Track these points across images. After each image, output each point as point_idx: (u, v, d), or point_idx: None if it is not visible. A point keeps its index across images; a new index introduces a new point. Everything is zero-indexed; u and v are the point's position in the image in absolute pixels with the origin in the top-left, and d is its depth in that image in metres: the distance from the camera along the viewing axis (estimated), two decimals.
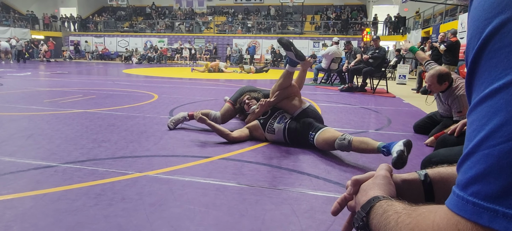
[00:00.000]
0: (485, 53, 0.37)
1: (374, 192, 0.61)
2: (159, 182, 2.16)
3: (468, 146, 0.38)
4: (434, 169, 0.71)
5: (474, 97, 0.39)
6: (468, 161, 0.38)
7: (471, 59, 0.39)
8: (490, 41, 0.36)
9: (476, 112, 0.38)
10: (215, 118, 3.59)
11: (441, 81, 3.17)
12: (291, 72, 3.30)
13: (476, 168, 0.36)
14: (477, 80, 0.38)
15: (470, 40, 0.40)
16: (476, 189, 0.36)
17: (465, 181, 0.38)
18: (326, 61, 9.33)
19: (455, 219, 0.38)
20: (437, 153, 2.26)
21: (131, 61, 22.23)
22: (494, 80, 0.35)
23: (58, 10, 28.94)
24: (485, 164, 0.35)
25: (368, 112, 5.17)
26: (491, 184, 0.34)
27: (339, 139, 2.69)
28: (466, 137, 0.40)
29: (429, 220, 0.43)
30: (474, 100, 0.38)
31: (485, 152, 0.35)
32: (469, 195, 0.37)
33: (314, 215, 1.77)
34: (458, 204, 0.38)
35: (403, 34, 21.53)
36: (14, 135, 3.21)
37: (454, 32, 8.43)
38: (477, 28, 0.38)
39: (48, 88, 7.35)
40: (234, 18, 27.31)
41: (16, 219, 1.65)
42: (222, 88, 8.21)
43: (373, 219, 0.55)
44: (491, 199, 0.34)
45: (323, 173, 2.43)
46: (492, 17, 0.36)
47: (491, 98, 0.36)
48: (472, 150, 0.37)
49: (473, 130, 0.38)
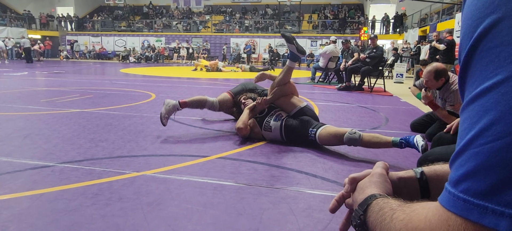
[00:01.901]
0: (477, 52, 0.37)
1: (371, 190, 0.62)
2: (157, 182, 2.16)
3: (460, 143, 0.39)
4: (430, 167, 0.72)
5: (466, 95, 0.39)
6: (459, 158, 0.39)
7: (464, 58, 0.40)
8: (482, 41, 0.37)
9: (467, 110, 0.38)
10: (213, 104, 3.67)
11: (437, 77, 3.18)
12: (292, 68, 3.33)
13: (466, 165, 0.37)
14: (470, 79, 0.39)
15: (463, 38, 0.40)
16: (466, 186, 0.37)
17: (456, 178, 0.39)
18: (324, 60, 9.34)
19: (446, 214, 0.39)
20: (434, 151, 2.27)
21: (128, 61, 22.18)
22: (485, 79, 0.36)
23: (55, 10, 28.82)
24: (475, 161, 0.36)
25: (365, 111, 5.18)
26: (481, 182, 0.35)
27: (349, 132, 2.74)
28: (458, 135, 0.40)
29: (421, 215, 0.44)
30: (466, 99, 0.39)
31: (476, 150, 0.36)
32: (460, 191, 0.37)
33: (311, 214, 1.78)
34: (449, 200, 0.39)
35: (400, 33, 21.58)
36: (10, 135, 3.20)
37: (449, 31, 8.47)
38: (470, 26, 0.39)
39: (45, 87, 7.32)
40: (231, 17, 27.27)
41: (13, 219, 1.65)
42: (220, 88, 8.21)
43: (370, 217, 0.56)
44: (480, 196, 0.35)
45: (320, 171, 2.44)
46: (484, 16, 0.36)
47: (482, 97, 0.36)
48: (463, 148, 0.38)
49: (464, 128, 0.39)
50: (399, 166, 2.60)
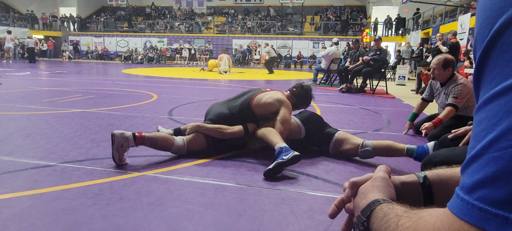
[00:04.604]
0: (497, 46, 0.34)
1: (374, 195, 0.60)
2: (158, 182, 2.15)
3: (476, 146, 0.36)
4: (433, 171, 0.70)
5: (482, 94, 0.36)
6: (475, 163, 0.36)
7: (481, 53, 0.36)
8: (504, 33, 0.33)
9: (485, 110, 0.35)
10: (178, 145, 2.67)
11: (445, 66, 3.22)
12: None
13: (484, 171, 0.34)
14: (487, 76, 0.35)
15: (480, 31, 0.36)
16: (483, 193, 0.34)
17: (471, 184, 0.36)
18: (326, 62, 9.33)
19: (457, 224, 0.36)
20: (438, 153, 2.23)
21: (130, 61, 22.22)
22: (507, 77, 0.32)
23: (57, 10, 28.93)
24: (494, 167, 0.33)
25: (367, 113, 5.16)
26: (501, 189, 0.32)
27: (361, 148, 2.67)
28: (472, 137, 0.37)
29: (429, 224, 0.42)
30: (483, 98, 0.35)
31: (495, 154, 0.33)
32: (475, 199, 0.34)
33: (313, 216, 1.77)
34: (462, 209, 0.36)
35: (402, 35, 21.55)
36: (12, 134, 3.20)
37: (453, 33, 8.43)
38: (489, 17, 0.35)
39: (47, 87, 7.33)
40: (234, 18, 27.30)
41: (14, 218, 1.64)
42: (222, 89, 8.21)
43: (374, 223, 0.54)
44: (500, 205, 0.32)
45: (322, 173, 2.43)
46: (506, 5, 0.33)
47: (503, 96, 0.33)
48: (480, 152, 0.35)
49: (481, 130, 0.35)
50: (401, 169, 2.58)
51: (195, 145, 2.71)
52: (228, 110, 2.87)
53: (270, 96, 2.87)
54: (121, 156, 2.40)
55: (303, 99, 3.10)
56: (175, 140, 2.63)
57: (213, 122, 2.80)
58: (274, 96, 2.87)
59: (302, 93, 3.07)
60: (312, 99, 3.15)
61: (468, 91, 3.18)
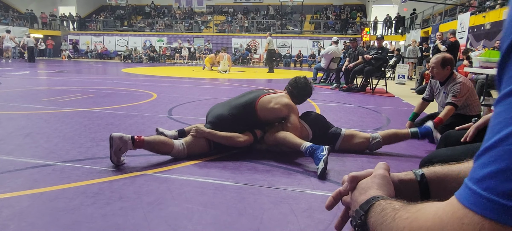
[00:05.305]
0: None
1: (373, 192, 0.61)
2: (157, 181, 2.15)
3: (491, 138, 0.36)
4: (430, 168, 0.71)
5: (504, 86, 0.36)
6: (487, 154, 0.36)
7: (508, 45, 0.35)
8: None
9: (504, 103, 0.35)
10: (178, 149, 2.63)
11: (444, 65, 3.22)
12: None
13: (497, 162, 0.34)
14: (509, 70, 0.35)
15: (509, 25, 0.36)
16: (492, 184, 0.34)
17: (481, 175, 0.36)
18: (326, 61, 9.33)
19: (461, 212, 0.37)
20: (438, 153, 2.22)
21: (129, 60, 22.20)
22: None
23: (57, 9, 28.89)
24: (507, 160, 0.33)
25: (367, 111, 5.16)
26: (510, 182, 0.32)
27: (372, 140, 2.91)
28: (489, 128, 0.37)
29: (429, 213, 0.42)
30: (504, 90, 0.35)
31: (510, 147, 0.33)
32: (483, 189, 0.35)
33: (312, 214, 1.77)
34: (469, 197, 0.36)
35: (402, 34, 21.56)
36: (12, 134, 3.20)
37: (453, 32, 8.43)
38: None
39: (46, 87, 7.33)
40: (233, 17, 27.28)
41: (13, 217, 1.64)
42: (221, 88, 8.22)
43: (371, 217, 0.56)
44: (507, 196, 0.33)
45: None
46: None
47: None
48: (495, 144, 0.35)
49: (499, 121, 0.35)
50: (402, 168, 2.58)
51: (196, 149, 2.67)
52: (229, 112, 2.84)
53: (278, 102, 2.85)
54: (119, 159, 2.39)
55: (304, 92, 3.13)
56: (175, 144, 2.59)
57: (213, 124, 2.78)
58: (281, 102, 2.86)
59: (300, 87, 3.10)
60: (312, 89, 3.19)
61: (467, 90, 3.18)
